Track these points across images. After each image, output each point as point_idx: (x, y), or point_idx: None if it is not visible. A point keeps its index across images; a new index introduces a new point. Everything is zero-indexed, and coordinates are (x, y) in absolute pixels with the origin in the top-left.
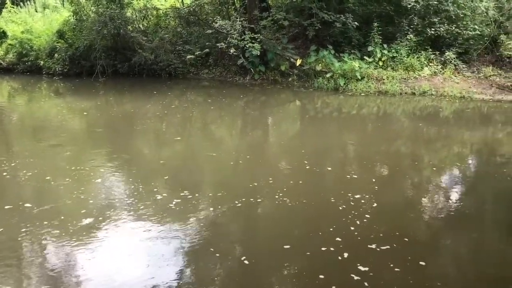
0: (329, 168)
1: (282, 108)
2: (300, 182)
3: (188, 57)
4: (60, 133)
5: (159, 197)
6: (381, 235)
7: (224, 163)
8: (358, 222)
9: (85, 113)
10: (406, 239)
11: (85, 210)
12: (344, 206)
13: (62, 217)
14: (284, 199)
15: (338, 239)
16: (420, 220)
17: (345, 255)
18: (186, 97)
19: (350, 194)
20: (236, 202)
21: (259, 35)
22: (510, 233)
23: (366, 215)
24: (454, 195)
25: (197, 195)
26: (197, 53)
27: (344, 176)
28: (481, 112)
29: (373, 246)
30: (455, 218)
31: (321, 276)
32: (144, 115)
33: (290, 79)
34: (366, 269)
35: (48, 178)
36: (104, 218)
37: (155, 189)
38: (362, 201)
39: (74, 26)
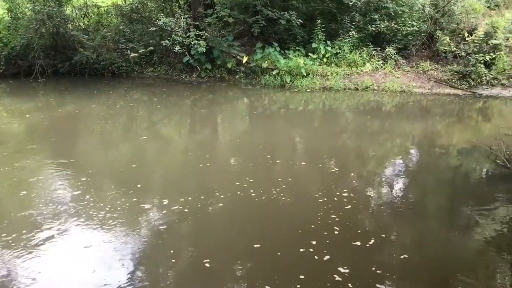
0: (303, 163)
1: (231, 105)
2: (265, 178)
3: (131, 55)
4: (4, 138)
5: (120, 202)
6: (359, 231)
7: (182, 163)
8: (332, 219)
9: (27, 116)
10: (384, 235)
11: (37, 219)
12: (323, 200)
13: (16, 228)
14: (260, 196)
15: (312, 239)
16: (382, 214)
17: (327, 255)
18: (131, 96)
19: (322, 190)
20: (198, 203)
21: (204, 32)
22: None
23: (341, 212)
24: (402, 186)
25: (162, 197)
26: (141, 51)
27: (312, 170)
28: (421, 105)
29: (358, 243)
30: (405, 210)
31: (300, 276)
32: (88, 116)
33: (237, 76)
34: (347, 270)
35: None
36: (60, 226)
37: (114, 195)
38: (340, 197)
39: (9, 25)
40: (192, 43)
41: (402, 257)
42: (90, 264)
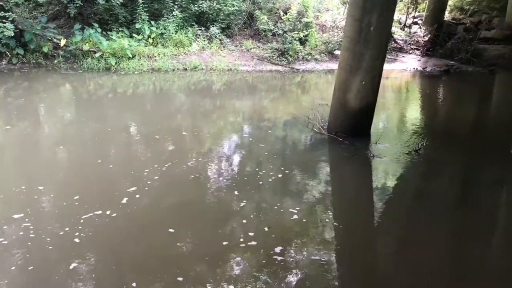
0: (193, 139)
1: (53, 93)
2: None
3: None
4: None
5: None
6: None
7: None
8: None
9: None
10: (234, 208)
11: None
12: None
13: None
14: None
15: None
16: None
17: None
18: None
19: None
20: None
21: (10, 13)
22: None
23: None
24: (240, 160)
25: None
26: None
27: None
28: (247, 82)
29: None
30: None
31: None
32: None
33: (55, 61)
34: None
35: None
36: None
37: None
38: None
39: None
40: None
41: (243, 222)
42: None
